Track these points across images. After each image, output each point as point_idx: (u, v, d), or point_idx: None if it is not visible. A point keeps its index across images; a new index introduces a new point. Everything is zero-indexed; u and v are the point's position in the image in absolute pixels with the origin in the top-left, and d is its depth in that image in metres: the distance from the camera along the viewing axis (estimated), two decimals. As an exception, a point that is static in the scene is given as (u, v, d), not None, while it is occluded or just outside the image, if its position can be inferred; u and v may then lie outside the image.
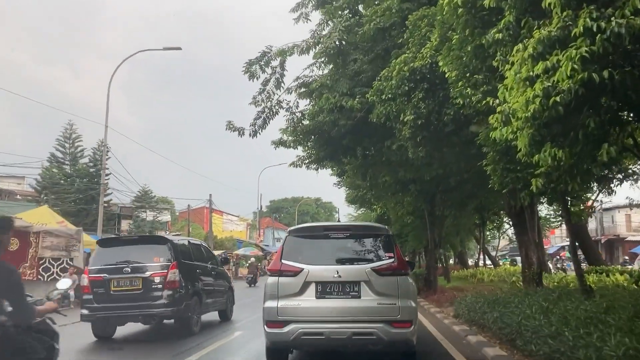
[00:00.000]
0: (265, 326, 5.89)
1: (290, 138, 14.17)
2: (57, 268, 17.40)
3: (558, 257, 47.08)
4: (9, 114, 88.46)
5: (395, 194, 15.94)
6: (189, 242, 11.09)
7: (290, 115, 12.84)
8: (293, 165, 15.45)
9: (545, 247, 56.28)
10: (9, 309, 3.33)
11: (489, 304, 8.79)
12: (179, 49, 24.88)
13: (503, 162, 8.00)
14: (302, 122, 13.09)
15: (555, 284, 15.02)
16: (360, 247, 6.34)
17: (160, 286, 8.95)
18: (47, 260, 17.30)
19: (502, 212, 22.22)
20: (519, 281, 17.97)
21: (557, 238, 57.72)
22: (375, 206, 28.95)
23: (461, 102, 7.48)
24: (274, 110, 12.72)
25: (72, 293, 17.10)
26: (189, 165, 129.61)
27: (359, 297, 5.76)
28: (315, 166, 15.36)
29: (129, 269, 9.10)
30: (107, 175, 31.19)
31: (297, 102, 12.60)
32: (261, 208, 56.36)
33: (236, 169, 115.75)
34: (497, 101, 5.94)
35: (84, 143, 33.26)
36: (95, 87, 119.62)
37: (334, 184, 24.26)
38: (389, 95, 10.09)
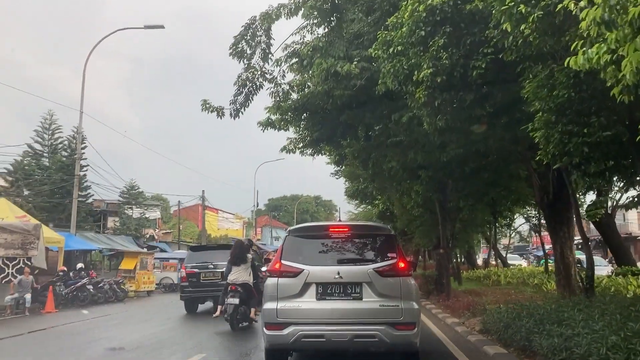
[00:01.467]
0: (264, 328, 5.75)
1: (277, 117, 11.86)
2: (12, 269, 15.14)
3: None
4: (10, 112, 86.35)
5: (402, 183, 13.64)
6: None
7: (275, 87, 10.49)
8: (285, 151, 13.16)
9: (548, 246, 54.53)
10: None
11: (535, 320, 6.48)
12: (162, 27, 23.09)
13: (562, 123, 5.71)
14: (290, 96, 10.79)
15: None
16: (362, 247, 6.16)
17: None
18: (1, 260, 15.05)
19: (514, 206, 19.88)
20: (545, 284, 15.71)
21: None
22: (377, 201, 26.77)
23: (509, 27, 5.18)
24: (258, 84, 10.40)
25: (28, 297, 14.84)
26: (189, 164, 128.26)
27: (361, 298, 5.60)
28: (310, 151, 13.11)
29: (212, 266, 13.94)
30: (84, 167, 29.10)
31: (284, 72, 10.24)
32: (257, 205, 53.92)
33: (236, 168, 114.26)
34: (582, 2, 3.70)
35: (64, 134, 30.88)
36: (95, 86, 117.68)
37: (331, 173, 22.00)
38: (399, 48, 7.80)
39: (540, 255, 44.51)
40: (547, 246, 58.09)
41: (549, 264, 19.57)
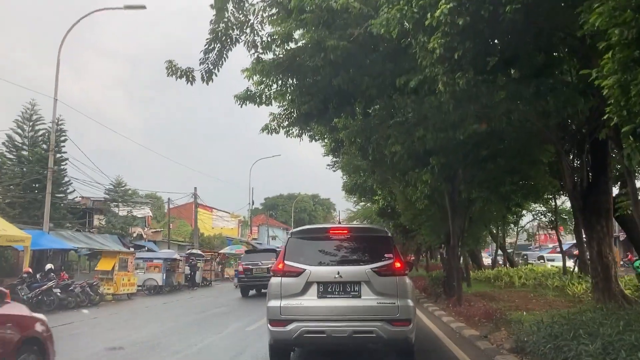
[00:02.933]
0: (268, 325, 6.02)
1: (257, 79, 9.89)
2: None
3: (573, 254, 43.41)
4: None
5: (408, 172, 11.79)
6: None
7: (253, 35, 8.51)
8: (267, 131, 11.31)
9: (551, 245, 52.59)
10: None
11: (604, 342, 4.64)
12: (143, 7, 21.41)
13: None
14: (273, 49, 8.90)
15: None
16: (360, 248, 6.44)
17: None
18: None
19: (525, 201, 17.92)
20: (568, 287, 13.89)
21: (568, 235, 53.76)
22: (377, 196, 24.91)
23: None
24: (233, 37, 8.52)
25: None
26: (187, 165, 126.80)
27: (359, 296, 5.89)
28: (297, 131, 11.28)
29: (260, 264, 19.60)
30: (62, 161, 27.23)
31: (263, 18, 8.27)
32: (253, 203, 52.08)
33: (234, 168, 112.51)
34: None
35: (47, 125, 28.92)
36: (95, 86, 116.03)
37: (328, 165, 20.13)
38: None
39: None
40: (551, 245, 55.60)
41: (567, 264, 17.81)
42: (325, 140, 14.29)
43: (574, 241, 48.45)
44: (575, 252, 42.51)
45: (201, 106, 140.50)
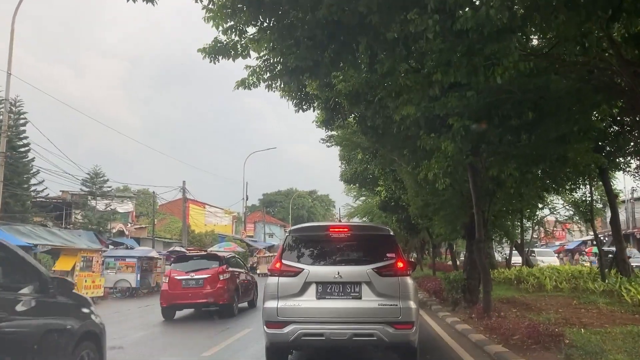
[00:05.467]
0: (265, 326, 5.80)
1: (226, 25, 7.19)
2: None
3: (584, 252, 41.04)
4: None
5: (420, 147, 8.98)
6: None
7: None
8: (244, 86, 8.48)
9: (558, 242, 49.77)
10: None
11: None
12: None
13: None
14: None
15: None
16: (361, 247, 6.21)
17: None
18: None
19: (547, 190, 15.01)
20: (619, 291, 11.15)
21: (575, 232, 51.29)
22: (379, 187, 22.21)
23: None
24: None
25: None
26: (185, 162, 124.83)
27: (360, 297, 5.67)
28: (280, 84, 8.46)
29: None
30: (22, 147, 24.48)
31: None
32: (247, 198, 49.21)
33: (232, 165, 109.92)
34: None
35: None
36: (97, 86, 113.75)
37: (322, 140, 17.30)
38: None
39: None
40: (557, 242, 52.90)
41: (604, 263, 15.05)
42: (317, 110, 11.49)
43: (582, 239, 46.12)
44: (587, 250, 40.09)
45: (200, 105, 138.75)
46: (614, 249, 27.94)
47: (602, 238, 42.06)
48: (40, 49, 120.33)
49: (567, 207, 25.63)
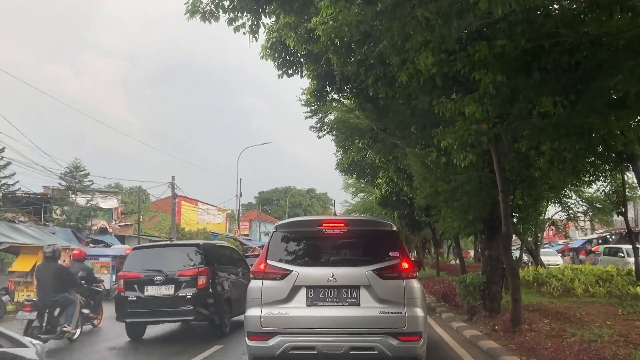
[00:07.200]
0: (246, 338, 5.12)
1: None
2: None
3: (591, 250, 39.21)
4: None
5: (439, 105, 6.93)
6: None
7: None
8: (198, 14, 6.40)
9: (561, 242, 47.83)
10: None
11: None
12: None
13: None
14: None
15: None
16: (360, 245, 5.55)
17: None
18: None
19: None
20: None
21: (576, 232, 49.50)
22: (379, 180, 20.32)
23: None
24: None
25: None
26: (182, 159, 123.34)
27: (358, 304, 4.99)
28: (248, 27, 6.45)
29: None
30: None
31: None
32: (241, 194, 47.14)
33: (230, 163, 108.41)
34: None
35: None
36: (95, 85, 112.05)
37: (312, 128, 15.10)
38: None
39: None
40: (561, 241, 51.01)
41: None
42: (306, 77, 9.49)
43: (587, 238, 44.18)
44: (594, 248, 38.14)
45: (200, 104, 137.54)
46: (622, 246, 26.12)
47: (607, 236, 40.25)
48: (40, 49, 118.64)
49: (580, 202, 23.69)
